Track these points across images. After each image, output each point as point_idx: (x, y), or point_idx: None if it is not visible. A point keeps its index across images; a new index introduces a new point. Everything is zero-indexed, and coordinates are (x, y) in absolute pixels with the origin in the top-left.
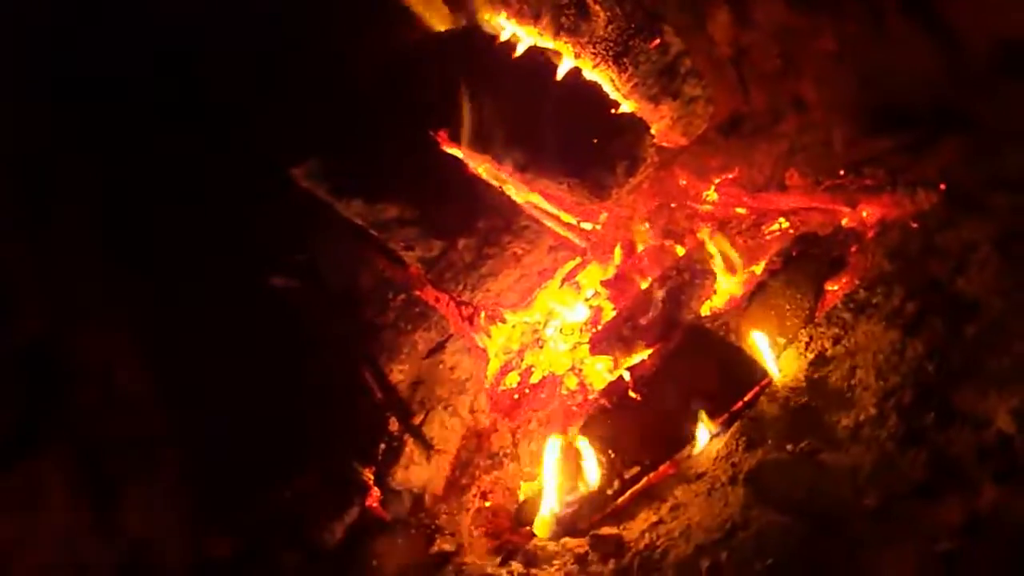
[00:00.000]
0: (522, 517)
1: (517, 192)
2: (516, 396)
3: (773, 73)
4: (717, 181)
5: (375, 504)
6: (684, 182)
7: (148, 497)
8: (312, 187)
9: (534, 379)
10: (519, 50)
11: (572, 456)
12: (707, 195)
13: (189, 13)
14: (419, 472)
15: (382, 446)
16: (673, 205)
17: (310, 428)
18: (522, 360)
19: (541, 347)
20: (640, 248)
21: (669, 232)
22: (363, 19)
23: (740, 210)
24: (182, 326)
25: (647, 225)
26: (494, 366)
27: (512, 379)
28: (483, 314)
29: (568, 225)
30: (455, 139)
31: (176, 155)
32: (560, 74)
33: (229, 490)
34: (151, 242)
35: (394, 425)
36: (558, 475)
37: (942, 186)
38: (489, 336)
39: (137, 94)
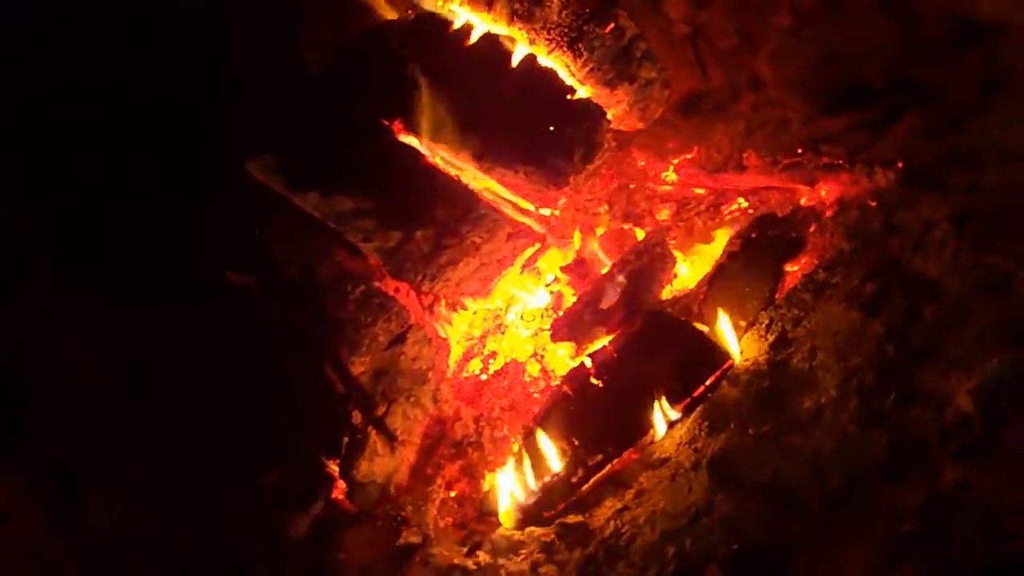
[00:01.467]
0: (488, 506)
1: (474, 179)
2: (479, 383)
3: (730, 50)
4: (675, 162)
5: (341, 497)
6: (642, 163)
7: (112, 493)
8: (268, 181)
9: (496, 366)
10: (473, 37)
11: (536, 444)
12: (666, 176)
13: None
14: (384, 463)
15: (346, 439)
16: (632, 186)
17: (273, 423)
18: (484, 346)
19: (503, 333)
20: (600, 232)
21: (628, 214)
22: (311, 8)
23: (699, 191)
24: (142, 324)
25: (606, 207)
26: (456, 353)
27: (475, 365)
28: (443, 302)
29: (526, 211)
30: (410, 129)
31: (129, 152)
32: (515, 61)
33: (194, 485)
34: (103, 240)
35: (357, 417)
36: (523, 464)
37: (899, 164)
38: (450, 324)
39: (86, 90)
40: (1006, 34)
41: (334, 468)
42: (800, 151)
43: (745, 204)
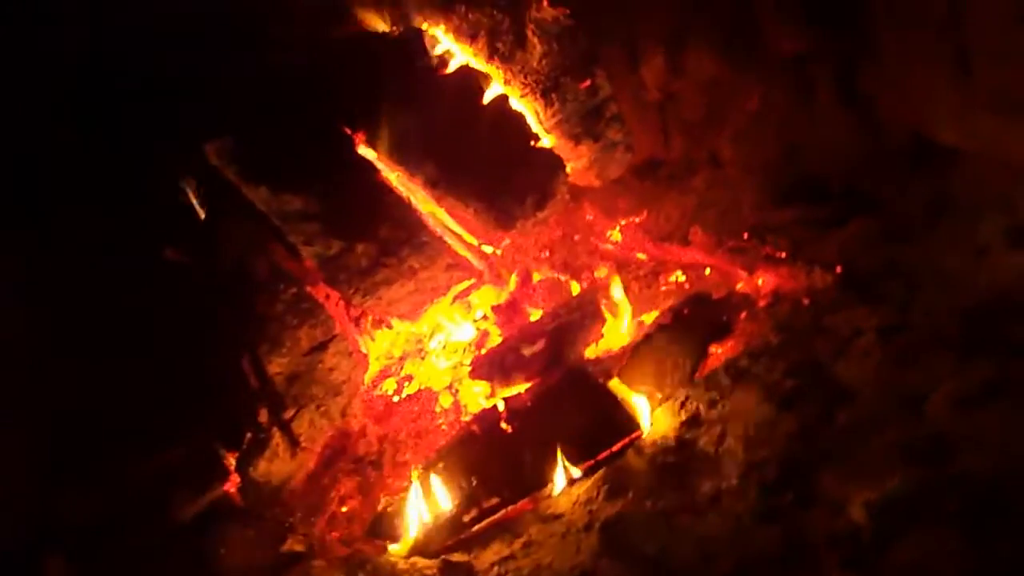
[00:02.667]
0: (377, 528)
1: (424, 204)
2: (390, 404)
3: (696, 124)
4: (623, 223)
5: (233, 490)
6: (591, 217)
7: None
8: (221, 166)
9: (410, 390)
10: (451, 67)
11: (435, 476)
12: (611, 234)
13: None
14: (282, 466)
15: (249, 435)
16: (576, 238)
17: (180, 405)
18: (402, 368)
19: (423, 359)
20: (536, 279)
21: (567, 266)
22: (300, 7)
23: (641, 256)
24: (73, 281)
25: (546, 254)
26: (373, 369)
27: (389, 385)
28: (370, 318)
29: (469, 245)
30: (370, 142)
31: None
32: (487, 98)
33: (90, 455)
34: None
35: (264, 416)
36: (419, 492)
37: (839, 268)
38: (373, 340)
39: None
40: (960, 161)
41: (232, 461)
42: (746, 237)
43: (683, 278)
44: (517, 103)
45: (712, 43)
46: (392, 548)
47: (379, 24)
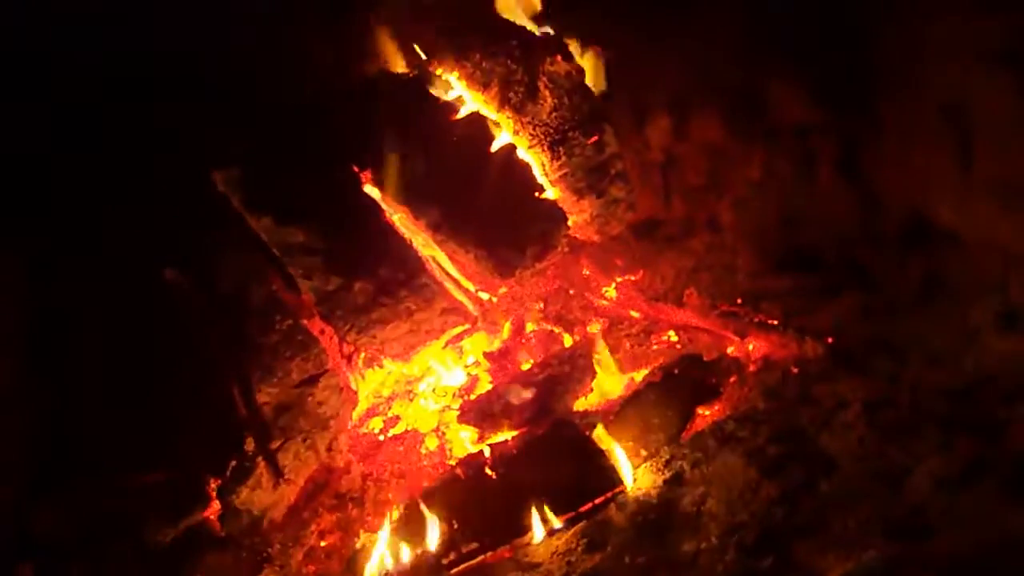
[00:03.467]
0: (354, 565)
1: (425, 246)
2: (375, 442)
3: (697, 188)
4: (619, 280)
5: (212, 517)
6: (587, 272)
7: None
8: (228, 193)
9: (396, 430)
10: (461, 112)
11: (416, 516)
12: (606, 291)
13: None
14: (264, 496)
15: (233, 463)
16: (571, 292)
17: (166, 427)
18: (390, 408)
19: (411, 400)
20: (530, 329)
21: (561, 318)
22: (321, 40)
23: (634, 313)
24: (65, 298)
25: (541, 305)
26: (361, 407)
27: (376, 424)
28: (363, 356)
29: (466, 290)
30: (377, 182)
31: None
32: (495, 146)
33: (70, 471)
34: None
35: (250, 445)
36: (399, 532)
37: (830, 339)
38: (363, 378)
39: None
40: (956, 243)
41: (214, 487)
42: (739, 302)
43: (675, 338)
44: (524, 153)
45: (718, 109)
46: None
47: (396, 65)
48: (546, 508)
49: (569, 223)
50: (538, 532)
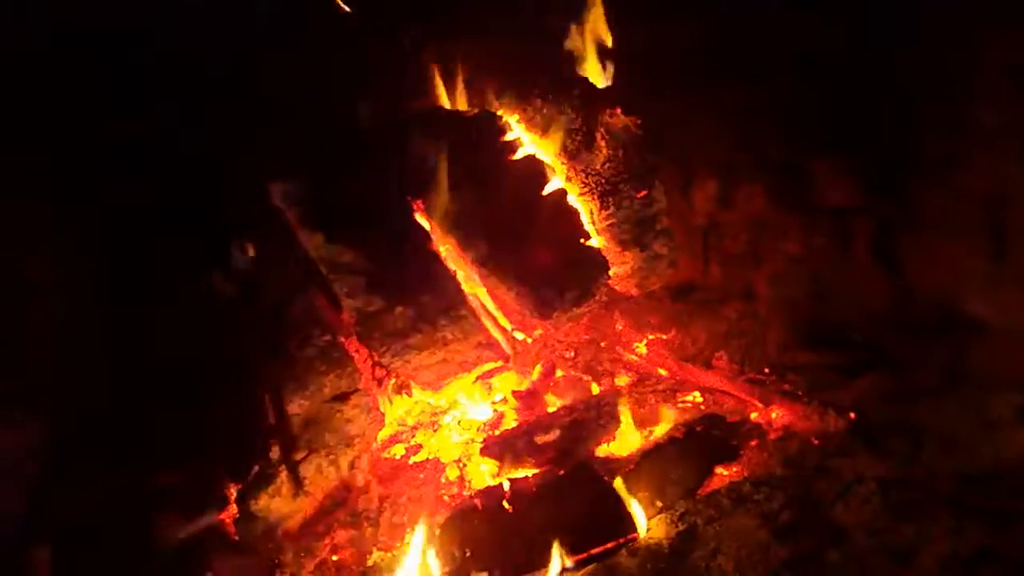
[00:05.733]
0: None
1: (467, 280)
2: (397, 467)
3: (735, 256)
4: (650, 337)
5: (228, 520)
6: (620, 327)
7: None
8: (283, 207)
9: (418, 458)
10: (518, 154)
11: (430, 541)
12: (637, 347)
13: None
14: (281, 505)
15: (256, 469)
16: (603, 344)
17: (194, 427)
18: (413, 436)
19: (435, 431)
20: (559, 374)
21: (590, 368)
22: (385, 70)
23: (662, 371)
24: (104, 281)
25: (572, 353)
26: (386, 431)
27: (398, 450)
28: (394, 381)
29: (502, 329)
30: (429, 213)
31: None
32: (547, 190)
33: (95, 459)
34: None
35: (275, 453)
36: (411, 555)
37: (852, 415)
38: (391, 403)
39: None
40: (982, 334)
41: (233, 491)
42: (767, 371)
43: (700, 399)
44: (575, 200)
45: (764, 181)
46: None
47: (459, 103)
48: (560, 547)
49: (610, 273)
50: (551, 570)
